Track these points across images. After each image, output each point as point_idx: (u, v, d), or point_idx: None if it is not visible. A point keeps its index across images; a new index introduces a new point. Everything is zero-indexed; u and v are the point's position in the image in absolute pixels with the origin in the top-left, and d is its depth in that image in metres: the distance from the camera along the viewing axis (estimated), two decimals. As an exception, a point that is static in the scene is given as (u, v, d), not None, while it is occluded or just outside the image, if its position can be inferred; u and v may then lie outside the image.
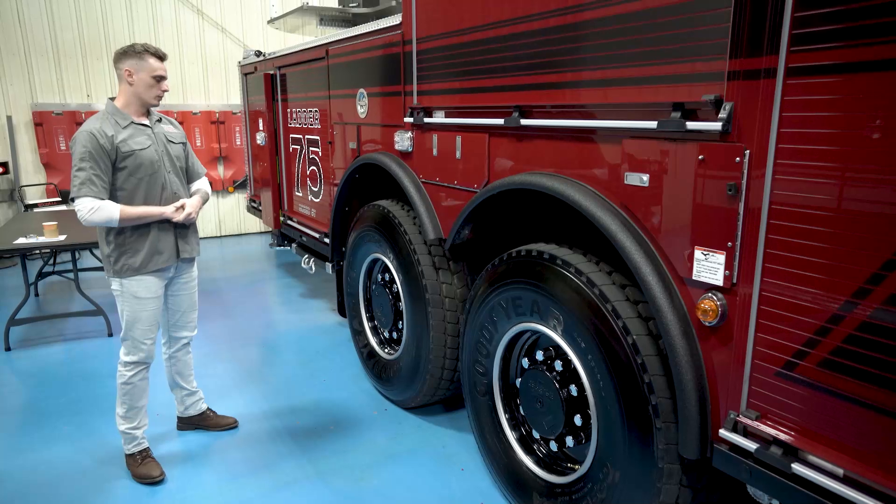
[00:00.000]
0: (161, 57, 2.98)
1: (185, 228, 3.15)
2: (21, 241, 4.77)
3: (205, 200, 3.26)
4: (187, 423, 3.58)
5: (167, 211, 3.00)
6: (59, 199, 7.81)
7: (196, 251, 3.26)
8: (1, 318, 5.10)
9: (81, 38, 7.87)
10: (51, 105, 7.76)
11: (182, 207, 3.05)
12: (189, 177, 3.27)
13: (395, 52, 3.38)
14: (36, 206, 7.52)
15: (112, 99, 3.01)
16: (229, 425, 3.60)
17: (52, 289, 6.43)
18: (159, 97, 3.01)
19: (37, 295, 6.12)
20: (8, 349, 4.78)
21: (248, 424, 3.64)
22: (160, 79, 2.97)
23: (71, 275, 5.38)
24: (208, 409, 3.63)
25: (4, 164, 7.35)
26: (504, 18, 2.52)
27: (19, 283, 6.56)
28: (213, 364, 4.50)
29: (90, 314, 5.15)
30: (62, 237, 4.89)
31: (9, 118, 7.59)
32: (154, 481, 3.07)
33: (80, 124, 7.68)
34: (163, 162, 3.04)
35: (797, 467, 1.63)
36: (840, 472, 1.56)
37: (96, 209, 2.80)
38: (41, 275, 5.59)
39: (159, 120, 3.14)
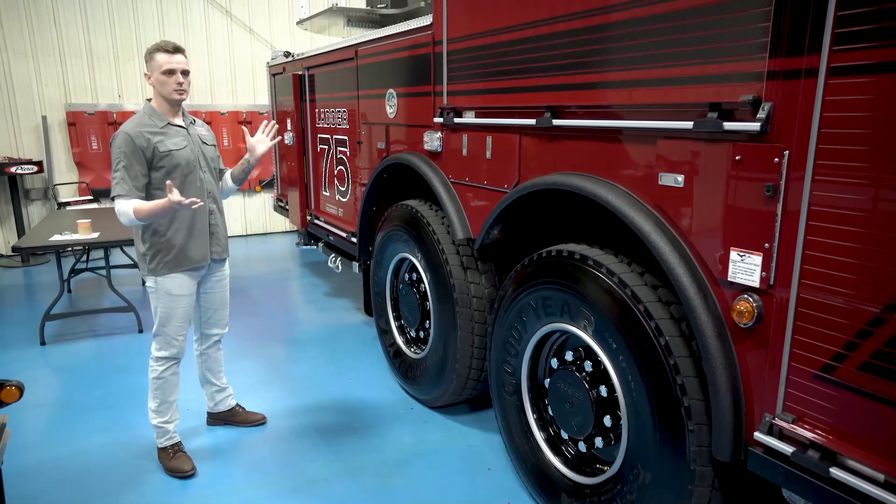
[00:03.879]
0: (169, 50, 2.91)
1: (217, 228, 3.20)
2: (56, 238, 4.88)
3: (248, 166, 3.30)
4: (217, 419, 3.64)
5: (174, 199, 2.73)
6: (90, 197, 7.97)
7: (227, 252, 3.32)
8: (36, 314, 5.23)
9: (114, 41, 8.03)
10: (84, 105, 7.93)
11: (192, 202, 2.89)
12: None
13: (425, 53, 3.40)
14: (68, 203, 7.68)
15: (149, 100, 3.06)
16: (258, 421, 3.64)
17: (84, 285, 6.57)
18: (178, 91, 2.96)
19: (69, 291, 6.24)
20: (43, 343, 4.90)
21: (275, 421, 3.69)
22: (169, 72, 2.91)
23: (103, 271, 5.49)
24: (237, 405, 3.68)
25: (39, 163, 7.52)
26: (536, 19, 2.52)
27: (53, 279, 6.72)
28: (240, 361, 4.56)
29: (121, 310, 5.25)
30: (95, 234, 4.99)
31: (44, 118, 7.77)
32: (185, 475, 3.13)
33: (111, 124, 7.92)
34: (199, 162, 3.10)
35: (835, 471, 1.61)
36: (881, 477, 1.54)
37: (120, 213, 2.86)
38: (74, 271, 5.71)
39: (193, 122, 3.18)
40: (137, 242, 3.07)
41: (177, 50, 2.95)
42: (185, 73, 2.98)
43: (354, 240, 4.60)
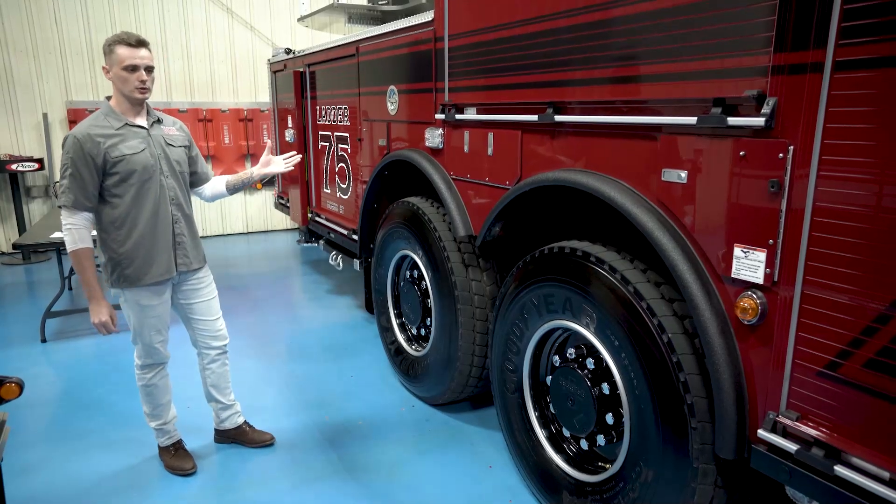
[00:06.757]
0: (132, 44, 2.65)
1: (182, 238, 2.96)
2: (57, 235, 4.87)
3: (249, 179, 3.21)
4: (223, 436, 3.45)
5: (93, 310, 2.80)
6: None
7: (199, 261, 3.07)
8: (37, 311, 5.23)
9: (115, 37, 8.03)
10: (84, 103, 7.91)
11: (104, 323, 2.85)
12: (198, 179, 3.13)
13: (426, 49, 3.39)
14: (70, 201, 7.67)
15: (109, 98, 2.84)
16: (265, 442, 3.41)
17: (85, 283, 6.55)
18: (141, 90, 2.70)
19: (70, 289, 6.24)
20: (44, 341, 4.90)
21: (276, 419, 3.67)
22: (132, 69, 2.65)
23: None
24: (245, 422, 3.47)
25: (40, 161, 7.51)
26: (538, 14, 2.51)
27: (54, 276, 6.72)
28: (241, 359, 4.55)
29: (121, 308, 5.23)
30: (95, 232, 4.97)
31: (45, 115, 7.77)
32: (186, 473, 3.12)
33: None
34: (159, 166, 2.83)
35: (840, 469, 1.60)
36: (886, 475, 1.53)
37: (69, 229, 2.69)
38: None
39: (158, 120, 2.91)
40: (99, 250, 2.85)
41: (140, 44, 2.69)
42: (150, 69, 2.73)
43: (355, 237, 4.60)
